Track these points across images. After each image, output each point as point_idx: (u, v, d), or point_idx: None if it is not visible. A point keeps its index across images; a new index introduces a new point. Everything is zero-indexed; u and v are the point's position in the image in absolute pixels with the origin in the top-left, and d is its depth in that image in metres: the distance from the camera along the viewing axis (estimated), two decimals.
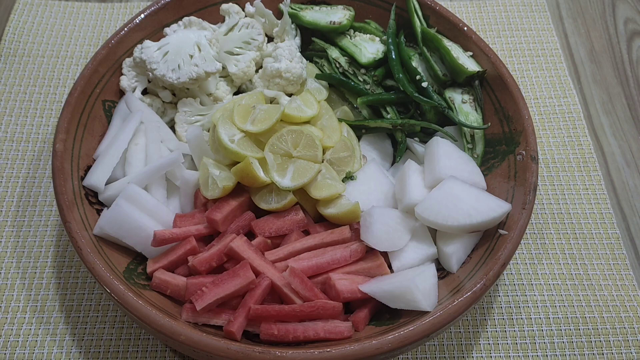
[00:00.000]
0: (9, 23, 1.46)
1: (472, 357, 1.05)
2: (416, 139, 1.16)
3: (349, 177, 1.08)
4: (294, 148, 1.05)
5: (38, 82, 1.38)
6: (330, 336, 0.90)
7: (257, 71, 1.23)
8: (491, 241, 0.98)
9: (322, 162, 1.07)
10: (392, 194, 1.07)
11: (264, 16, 1.25)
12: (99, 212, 1.03)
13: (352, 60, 1.20)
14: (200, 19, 1.22)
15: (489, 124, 1.11)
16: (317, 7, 1.27)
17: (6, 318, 1.07)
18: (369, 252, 1.00)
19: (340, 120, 1.15)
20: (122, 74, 1.18)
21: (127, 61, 1.18)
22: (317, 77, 1.20)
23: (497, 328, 1.07)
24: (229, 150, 1.03)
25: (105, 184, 1.04)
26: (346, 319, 0.94)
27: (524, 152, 1.02)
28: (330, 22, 1.22)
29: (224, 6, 1.24)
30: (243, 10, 1.27)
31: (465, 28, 1.17)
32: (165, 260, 0.99)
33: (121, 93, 1.18)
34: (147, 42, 1.15)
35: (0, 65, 1.39)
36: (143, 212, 1.00)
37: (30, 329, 1.06)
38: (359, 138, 1.17)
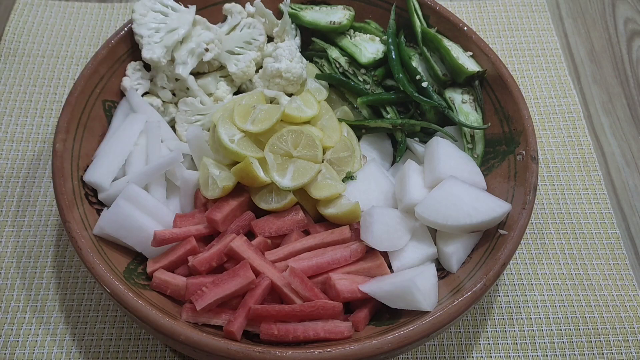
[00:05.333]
0: (9, 23, 1.46)
1: (472, 357, 1.05)
2: (416, 139, 1.16)
3: (349, 177, 1.08)
4: (294, 148, 1.05)
5: (38, 82, 1.38)
6: (330, 336, 0.90)
7: (257, 71, 1.23)
8: (491, 241, 0.98)
9: (322, 162, 1.07)
10: (392, 194, 1.07)
11: (264, 16, 1.25)
12: (99, 212, 1.03)
13: (352, 60, 1.20)
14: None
15: (489, 124, 1.11)
16: (317, 7, 1.26)
17: (6, 318, 1.07)
18: (369, 252, 1.00)
19: (340, 120, 1.15)
20: (125, 75, 1.17)
21: (133, 64, 1.17)
22: (317, 77, 1.20)
23: (497, 328, 1.07)
24: (229, 150, 1.03)
25: None
26: (346, 319, 0.94)
27: (524, 152, 1.02)
28: (330, 22, 1.22)
29: (227, 6, 1.24)
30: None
31: (465, 28, 1.17)
32: (165, 260, 0.99)
33: (121, 93, 1.18)
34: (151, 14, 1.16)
35: (0, 65, 1.39)
36: (143, 212, 1.00)
37: (30, 329, 1.06)
38: (359, 138, 1.17)
